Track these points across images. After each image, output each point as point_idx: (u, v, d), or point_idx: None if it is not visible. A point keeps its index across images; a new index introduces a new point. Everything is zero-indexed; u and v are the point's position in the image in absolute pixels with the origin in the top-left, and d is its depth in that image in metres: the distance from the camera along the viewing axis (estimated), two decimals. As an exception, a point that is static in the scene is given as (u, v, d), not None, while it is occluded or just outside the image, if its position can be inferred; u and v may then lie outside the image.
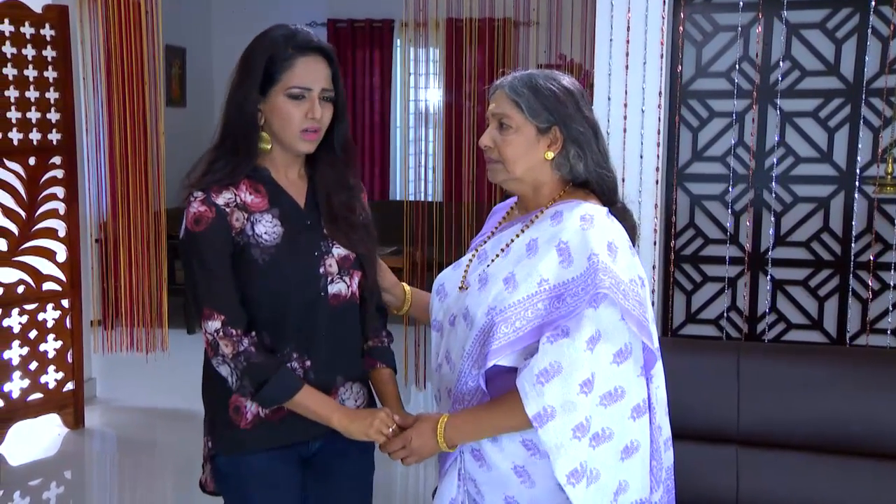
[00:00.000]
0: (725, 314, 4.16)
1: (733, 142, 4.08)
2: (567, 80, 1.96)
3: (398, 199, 7.98)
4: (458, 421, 1.89)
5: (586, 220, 1.85)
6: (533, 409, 1.76)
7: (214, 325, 1.90)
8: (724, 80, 4.04)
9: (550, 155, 1.92)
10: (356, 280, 2.05)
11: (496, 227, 2.08)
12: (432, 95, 7.82)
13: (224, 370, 1.92)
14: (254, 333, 1.93)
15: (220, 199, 1.92)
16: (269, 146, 1.97)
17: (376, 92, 8.43)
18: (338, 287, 2.01)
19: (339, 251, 2.02)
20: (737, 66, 4.03)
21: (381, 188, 8.46)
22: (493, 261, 1.96)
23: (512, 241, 1.95)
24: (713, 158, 4.12)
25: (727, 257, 4.13)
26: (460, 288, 2.00)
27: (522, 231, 1.95)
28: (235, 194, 1.94)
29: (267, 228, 1.94)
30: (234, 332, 1.91)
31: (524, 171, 1.93)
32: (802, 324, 4.16)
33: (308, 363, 1.99)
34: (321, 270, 1.99)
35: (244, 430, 1.99)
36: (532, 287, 1.82)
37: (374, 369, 2.18)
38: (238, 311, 1.92)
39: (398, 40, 7.86)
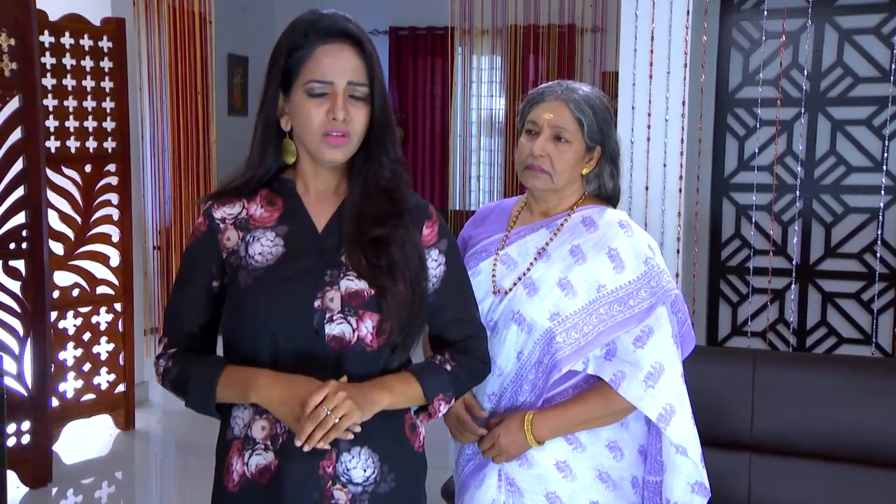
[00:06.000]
0: (773, 327, 4.05)
1: (757, 152, 3.98)
2: (607, 99, 2.03)
3: (457, 208, 7.94)
4: (546, 416, 1.89)
5: (625, 226, 1.93)
6: (654, 412, 1.85)
7: (158, 349, 1.70)
8: (772, 88, 3.94)
9: (586, 171, 1.98)
10: (368, 324, 1.57)
11: (507, 231, 2.06)
12: (493, 104, 7.79)
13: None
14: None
15: (220, 213, 1.65)
16: (293, 157, 1.66)
17: (437, 100, 8.44)
18: (340, 328, 1.57)
19: (349, 284, 1.58)
20: (765, 73, 3.93)
21: (441, 197, 8.44)
22: (531, 266, 1.96)
23: (546, 245, 1.97)
24: (760, 168, 4.02)
25: (772, 268, 4.03)
26: (494, 292, 1.98)
27: (554, 236, 1.97)
28: (245, 207, 1.65)
29: (264, 248, 1.61)
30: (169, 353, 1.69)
31: (565, 182, 1.96)
32: (855, 338, 4.02)
33: None
34: (317, 304, 1.57)
35: (231, 494, 1.64)
36: (592, 293, 1.88)
37: None
38: (184, 340, 1.68)
39: (460, 48, 7.84)
